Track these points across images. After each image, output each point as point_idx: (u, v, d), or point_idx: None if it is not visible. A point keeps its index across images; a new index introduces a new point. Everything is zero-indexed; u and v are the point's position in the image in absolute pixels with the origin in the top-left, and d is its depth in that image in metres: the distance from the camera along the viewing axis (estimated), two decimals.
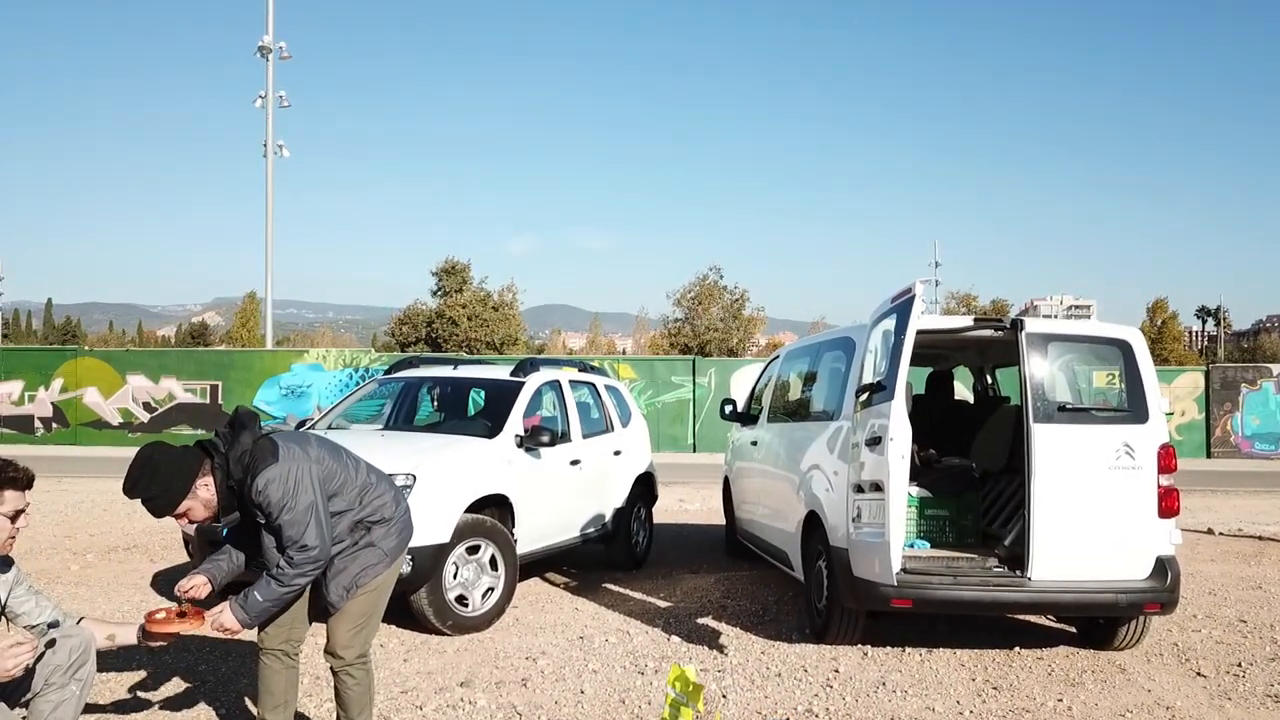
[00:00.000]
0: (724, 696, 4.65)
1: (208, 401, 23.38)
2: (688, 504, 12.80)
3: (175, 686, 4.62)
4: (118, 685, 4.57)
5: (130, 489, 3.18)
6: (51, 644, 3.13)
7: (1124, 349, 5.39)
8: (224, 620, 3.29)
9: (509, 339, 33.76)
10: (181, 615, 3.30)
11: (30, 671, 3.03)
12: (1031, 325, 5.32)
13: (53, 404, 23.06)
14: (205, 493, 3.26)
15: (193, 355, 26.48)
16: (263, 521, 3.32)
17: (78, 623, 3.21)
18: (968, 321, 5.69)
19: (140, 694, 4.51)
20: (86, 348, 26.75)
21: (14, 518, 3.09)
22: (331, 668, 3.56)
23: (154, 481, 3.18)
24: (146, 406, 23.20)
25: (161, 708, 4.33)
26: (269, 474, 3.23)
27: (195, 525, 3.31)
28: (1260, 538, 10.25)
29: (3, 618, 3.26)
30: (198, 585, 3.40)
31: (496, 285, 35.07)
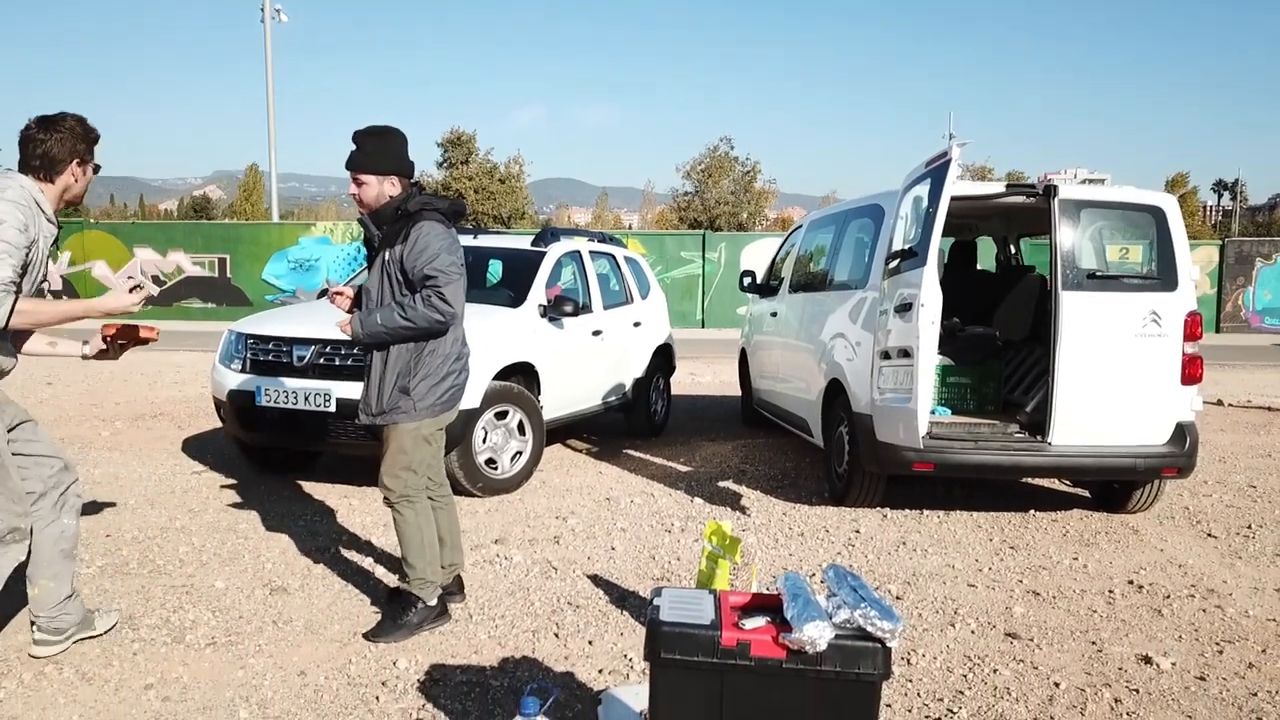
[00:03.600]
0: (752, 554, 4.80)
1: (216, 275, 23.39)
2: (699, 377, 12.94)
3: (219, 543, 4.79)
4: (163, 543, 4.74)
5: (361, 131, 3.56)
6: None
7: (1157, 215, 5.32)
8: (348, 324, 3.59)
9: (516, 213, 33.41)
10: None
11: None
12: (1065, 191, 5.24)
13: (62, 276, 23.05)
14: (390, 186, 3.56)
15: (200, 229, 26.29)
16: (400, 269, 3.49)
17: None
18: (1000, 188, 5.61)
19: (185, 548, 4.68)
20: (92, 220, 26.45)
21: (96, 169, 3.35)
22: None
23: (378, 140, 3.56)
24: (155, 280, 23.20)
25: (209, 562, 4.49)
26: (434, 226, 3.50)
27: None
28: (1269, 408, 10.37)
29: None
30: (346, 293, 3.79)
31: (503, 158, 34.48)
